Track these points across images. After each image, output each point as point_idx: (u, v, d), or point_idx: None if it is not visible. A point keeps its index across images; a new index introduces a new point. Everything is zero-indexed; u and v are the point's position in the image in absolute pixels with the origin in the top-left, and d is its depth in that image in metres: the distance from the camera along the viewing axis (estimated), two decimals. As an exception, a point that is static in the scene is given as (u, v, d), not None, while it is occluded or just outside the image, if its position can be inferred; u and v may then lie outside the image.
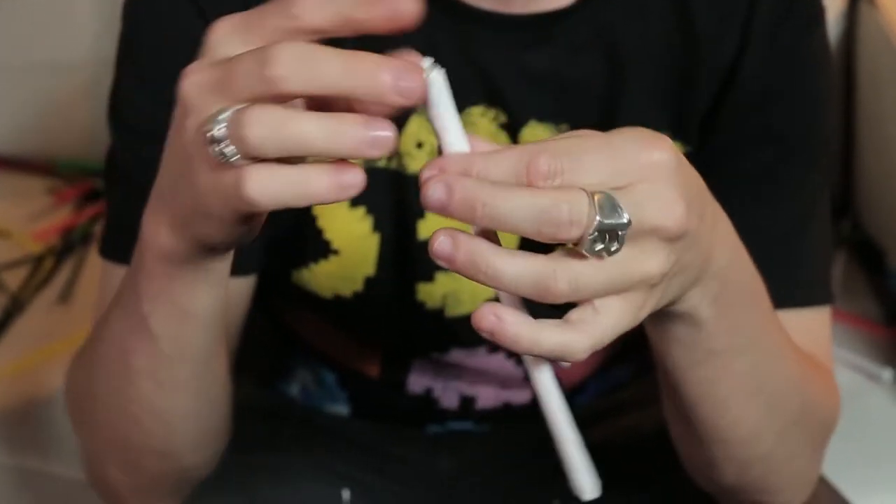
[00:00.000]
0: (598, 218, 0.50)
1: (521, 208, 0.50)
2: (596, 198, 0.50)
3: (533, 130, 0.82)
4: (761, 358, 0.70)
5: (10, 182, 1.59)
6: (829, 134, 0.87)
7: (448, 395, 0.94)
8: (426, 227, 0.83)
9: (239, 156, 0.50)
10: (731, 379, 0.68)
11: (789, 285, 0.82)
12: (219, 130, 0.50)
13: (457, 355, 0.90)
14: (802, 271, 0.83)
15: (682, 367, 0.67)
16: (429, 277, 0.85)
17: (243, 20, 0.52)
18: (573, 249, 0.51)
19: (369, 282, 0.85)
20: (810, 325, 0.83)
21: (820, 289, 0.84)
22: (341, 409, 0.99)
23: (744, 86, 0.82)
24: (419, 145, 0.82)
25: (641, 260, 0.53)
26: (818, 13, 0.85)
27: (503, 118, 0.82)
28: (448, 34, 0.80)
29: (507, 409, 0.95)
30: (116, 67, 0.82)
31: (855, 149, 1.49)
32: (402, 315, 0.88)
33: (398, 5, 0.50)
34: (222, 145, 0.50)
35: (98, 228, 1.48)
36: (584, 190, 0.50)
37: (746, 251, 0.66)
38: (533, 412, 0.95)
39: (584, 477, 0.56)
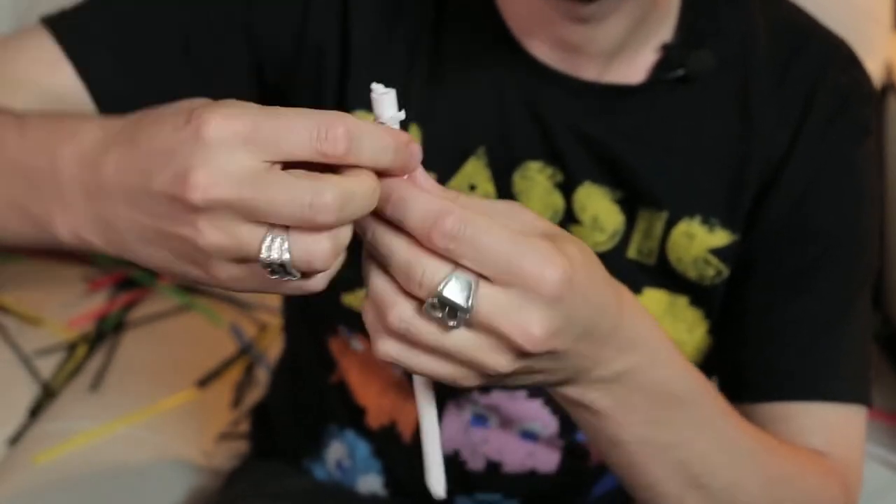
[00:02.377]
0: (441, 289, 0.53)
1: (396, 252, 0.55)
2: (456, 272, 0.53)
3: (587, 191, 0.84)
4: (703, 454, 0.70)
5: (44, 270, 1.60)
6: (871, 234, 0.88)
7: (475, 458, 0.94)
8: None
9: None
10: (656, 469, 0.69)
11: (820, 378, 0.82)
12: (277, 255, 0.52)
13: (497, 397, 0.91)
14: (835, 366, 0.83)
15: (599, 447, 0.69)
16: None
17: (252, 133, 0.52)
18: (422, 307, 0.55)
19: None
20: (837, 421, 0.83)
21: (853, 386, 0.84)
22: (374, 479, 0.99)
23: (790, 181, 0.84)
24: (472, 187, 0.84)
25: (484, 352, 0.55)
26: (869, 121, 0.87)
27: (559, 177, 0.84)
28: (516, 87, 0.83)
29: (532, 478, 0.95)
30: None
31: (885, 243, 1.49)
32: None
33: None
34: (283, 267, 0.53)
35: (131, 316, 1.50)
36: (456, 264, 0.54)
37: (678, 355, 0.67)
38: (561, 484, 0.96)
39: (434, 476, 0.60)
